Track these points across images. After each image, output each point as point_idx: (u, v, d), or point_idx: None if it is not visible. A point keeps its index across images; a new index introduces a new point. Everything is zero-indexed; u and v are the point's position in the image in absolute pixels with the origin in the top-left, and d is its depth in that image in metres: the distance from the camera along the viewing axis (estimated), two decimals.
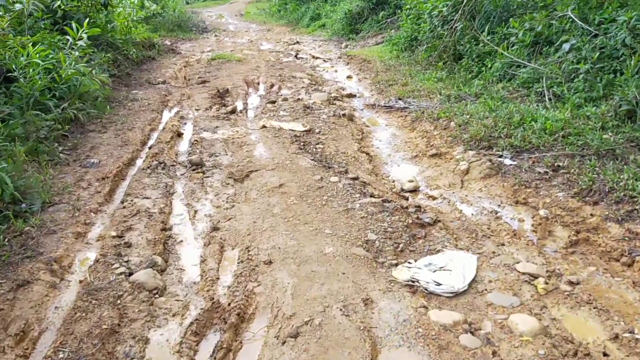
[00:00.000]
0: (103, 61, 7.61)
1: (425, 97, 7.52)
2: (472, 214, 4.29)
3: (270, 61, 11.32)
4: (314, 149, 5.51)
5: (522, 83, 6.94)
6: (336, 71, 10.73)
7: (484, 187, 4.68)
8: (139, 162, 5.25)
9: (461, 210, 4.35)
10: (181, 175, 4.92)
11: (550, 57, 6.90)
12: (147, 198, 4.35)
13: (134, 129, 6.13)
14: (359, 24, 14.67)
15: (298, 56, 12.07)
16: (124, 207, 4.18)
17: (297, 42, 14.76)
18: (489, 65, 7.77)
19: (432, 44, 9.45)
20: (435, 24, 9.44)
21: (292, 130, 6.06)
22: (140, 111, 6.89)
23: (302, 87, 8.75)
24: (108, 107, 6.89)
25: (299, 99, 7.68)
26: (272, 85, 8.78)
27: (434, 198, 4.63)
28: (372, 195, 4.37)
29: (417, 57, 9.96)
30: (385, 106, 7.62)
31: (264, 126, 6.22)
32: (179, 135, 6.14)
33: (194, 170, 4.96)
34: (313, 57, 12.19)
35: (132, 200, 4.28)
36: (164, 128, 6.29)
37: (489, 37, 8.04)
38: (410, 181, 4.86)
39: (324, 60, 11.77)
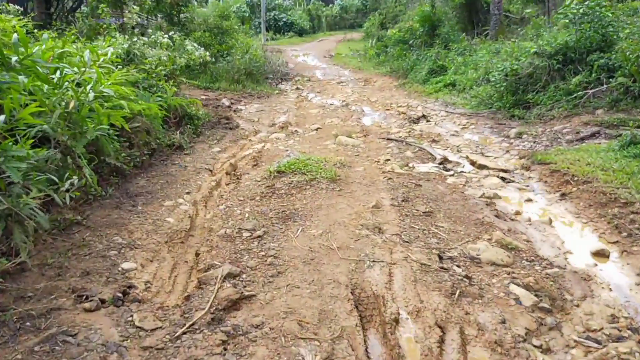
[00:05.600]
0: None
1: None
2: None
3: (395, 179, 5.15)
4: None
5: None
6: (552, 225, 4.30)
7: None
8: None
9: None
10: None
11: None
12: None
13: None
14: (530, 92, 8.23)
15: (446, 166, 5.80)
16: None
17: (424, 116, 8.54)
18: None
19: None
20: None
21: None
22: None
23: (523, 345, 2.51)
24: None
25: None
26: (440, 342, 2.58)
27: None
28: None
29: None
30: None
31: None
32: None
33: None
34: (472, 163, 5.89)
35: None
36: None
37: None
38: None
39: (502, 178, 5.42)
